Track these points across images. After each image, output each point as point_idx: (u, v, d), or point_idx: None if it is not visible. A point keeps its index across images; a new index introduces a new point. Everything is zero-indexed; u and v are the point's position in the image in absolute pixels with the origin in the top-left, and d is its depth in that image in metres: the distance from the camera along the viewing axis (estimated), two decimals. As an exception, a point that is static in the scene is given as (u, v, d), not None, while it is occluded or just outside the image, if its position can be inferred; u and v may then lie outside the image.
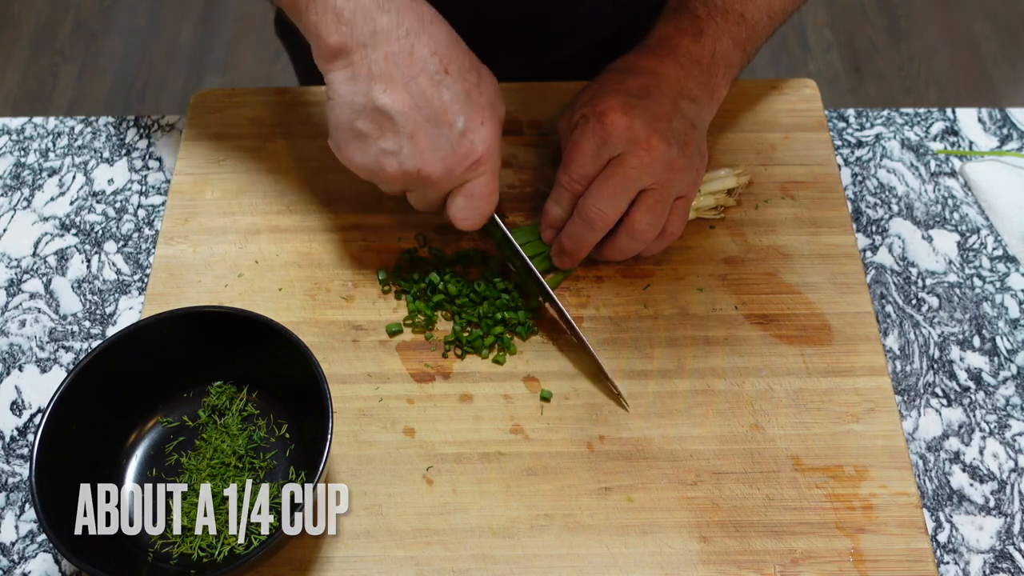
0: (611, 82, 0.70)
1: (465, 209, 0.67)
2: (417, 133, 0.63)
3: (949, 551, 0.64)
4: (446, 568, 0.62)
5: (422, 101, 0.63)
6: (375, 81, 0.62)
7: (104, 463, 0.64)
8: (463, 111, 0.64)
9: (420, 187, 0.66)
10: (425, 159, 0.64)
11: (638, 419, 0.67)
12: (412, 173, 0.64)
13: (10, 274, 0.77)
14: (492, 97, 0.66)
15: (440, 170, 0.64)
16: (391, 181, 0.66)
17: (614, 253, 0.72)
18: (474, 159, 0.65)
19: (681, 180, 0.69)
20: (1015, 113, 0.85)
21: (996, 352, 0.72)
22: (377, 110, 0.63)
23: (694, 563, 0.62)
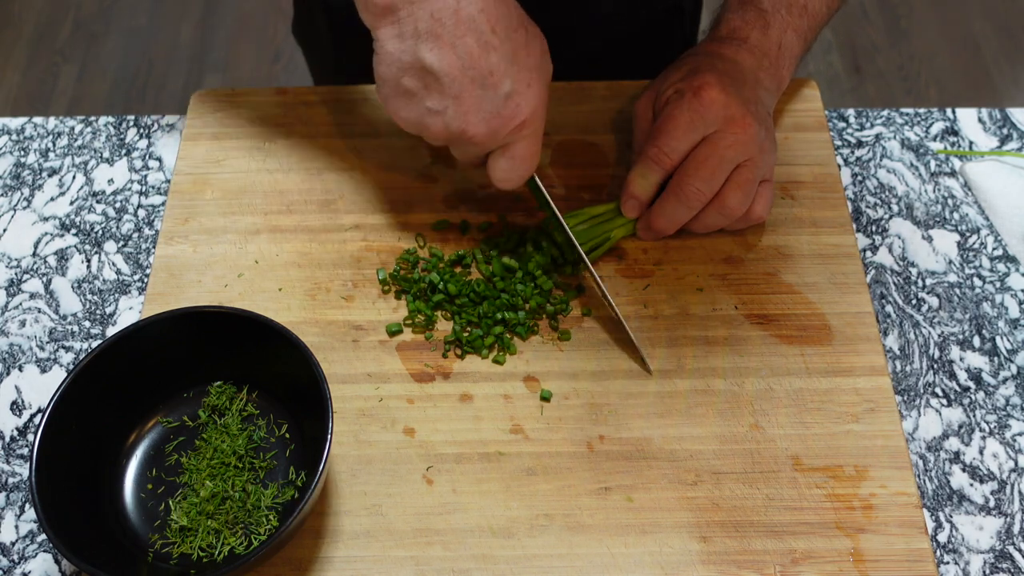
0: (703, 64, 0.72)
1: (506, 170, 0.68)
2: (463, 94, 0.63)
3: (949, 551, 0.64)
4: (446, 568, 0.62)
5: (469, 62, 0.62)
6: (421, 39, 0.62)
7: (104, 463, 0.64)
8: (510, 73, 0.63)
9: (463, 145, 0.67)
10: (469, 120, 0.64)
11: (638, 419, 0.67)
12: (456, 133, 0.65)
13: (10, 274, 0.77)
14: (539, 58, 0.66)
15: (484, 132, 0.65)
16: (435, 138, 0.67)
17: (699, 227, 0.73)
18: (518, 122, 0.65)
19: (767, 161, 0.71)
20: (1015, 113, 0.85)
21: (996, 352, 0.72)
22: (423, 69, 0.63)
23: (694, 563, 0.62)
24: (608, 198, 0.78)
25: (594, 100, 0.84)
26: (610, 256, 0.75)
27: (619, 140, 0.81)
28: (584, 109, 0.83)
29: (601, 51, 0.96)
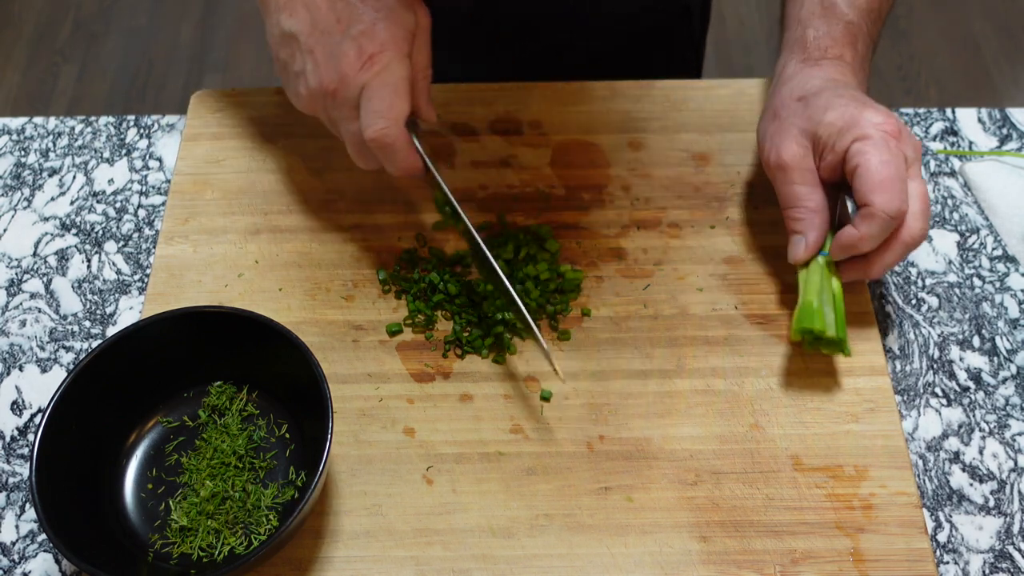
0: (846, 99, 0.67)
1: (369, 115, 0.64)
2: (315, 47, 0.63)
3: (949, 551, 0.64)
4: (446, 568, 0.62)
5: (319, 16, 0.63)
6: (282, 10, 0.65)
7: (104, 463, 0.64)
8: (357, 18, 0.63)
9: (332, 108, 0.65)
10: (322, 71, 0.63)
11: (638, 419, 0.67)
12: (317, 91, 0.64)
13: (10, 274, 0.77)
14: (393, 4, 0.65)
15: (334, 78, 0.63)
16: (310, 108, 0.66)
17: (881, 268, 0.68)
18: (365, 57, 0.63)
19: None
20: (1015, 113, 0.85)
21: (996, 352, 0.72)
22: (285, 36, 0.65)
23: (694, 563, 0.62)
24: (608, 198, 0.78)
25: (594, 100, 0.84)
26: (610, 256, 0.75)
27: (619, 140, 0.81)
28: (584, 109, 0.83)
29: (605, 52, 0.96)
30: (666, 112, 0.83)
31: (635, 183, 0.79)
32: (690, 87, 0.85)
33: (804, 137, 0.68)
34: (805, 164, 0.68)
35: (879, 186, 0.63)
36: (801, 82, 0.70)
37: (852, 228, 0.65)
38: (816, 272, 0.68)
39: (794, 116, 0.68)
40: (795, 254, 0.68)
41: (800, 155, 0.68)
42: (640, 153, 0.81)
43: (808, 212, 0.67)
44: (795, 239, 0.68)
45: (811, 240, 0.68)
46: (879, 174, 0.63)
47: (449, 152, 0.81)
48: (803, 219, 0.68)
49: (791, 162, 0.67)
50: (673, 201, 0.78)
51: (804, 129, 0.68)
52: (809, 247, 0.68)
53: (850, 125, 0.65)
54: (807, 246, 0.68)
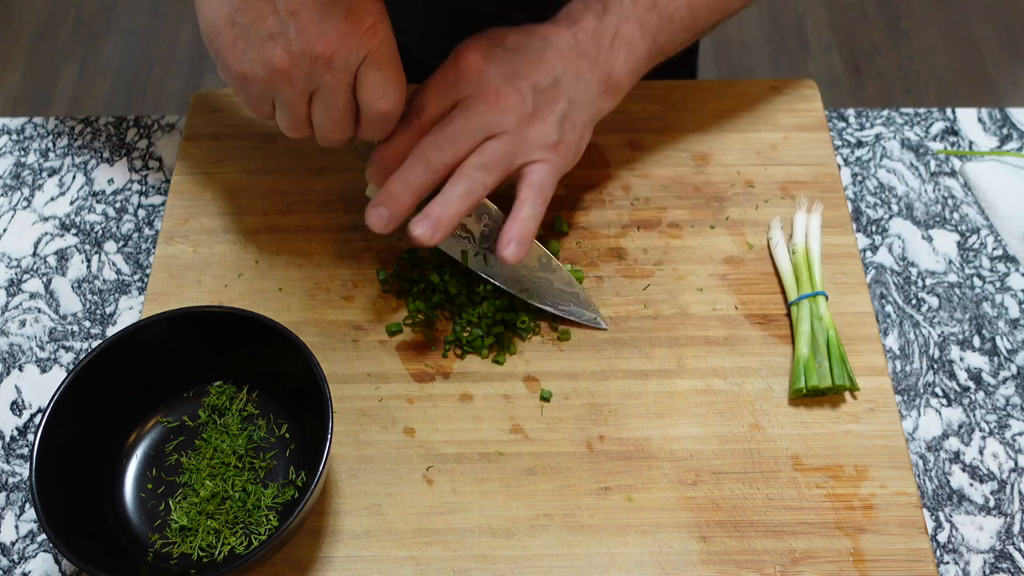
0: (496, 33, 0.68)
1: (382, 84, 0.61)
2: (300, 10, 0.57)
3: (949, 551, 0.64)
4: (446, 568, 0.62)
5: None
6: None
7: (104, 463, 0.64)
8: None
9: (320, 75, 0.59)
10: (312, 33, 0.58)
11: (638, 419, 0.67)
12: (304, 55, 0.58)
13: (10, 274, 0.77)
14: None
15: (335, 41, 0.58)
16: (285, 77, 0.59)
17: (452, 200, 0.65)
18: (369, 22, 0.59)
19: (532, 142, 0.65)
20: (1015, 113, 0.85)
21: (996, 352, 0.72)
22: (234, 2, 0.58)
23: (694, 563, 0.62)
24: (608, 198, 0.78)
25: (594, 100, 0.84)
26: (610, 256, 0.75)
27: (619, 140, 0.81)
28: (584, 109, 0.83)
29: None
30: (666, 112, 0.83)
31: (635, 183, 0.79)
32: (690, 87, 0.85)
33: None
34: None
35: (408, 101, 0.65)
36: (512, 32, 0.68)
37: None
38: (806, 319, 0.69)
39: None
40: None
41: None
42: (640, 153, 0.80)
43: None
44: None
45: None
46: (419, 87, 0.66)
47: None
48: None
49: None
50: (673, 201, 0.78)
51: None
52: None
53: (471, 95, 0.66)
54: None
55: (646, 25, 0.69)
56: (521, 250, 0.64)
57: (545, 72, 0.66)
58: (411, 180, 0.64)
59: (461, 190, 0.64)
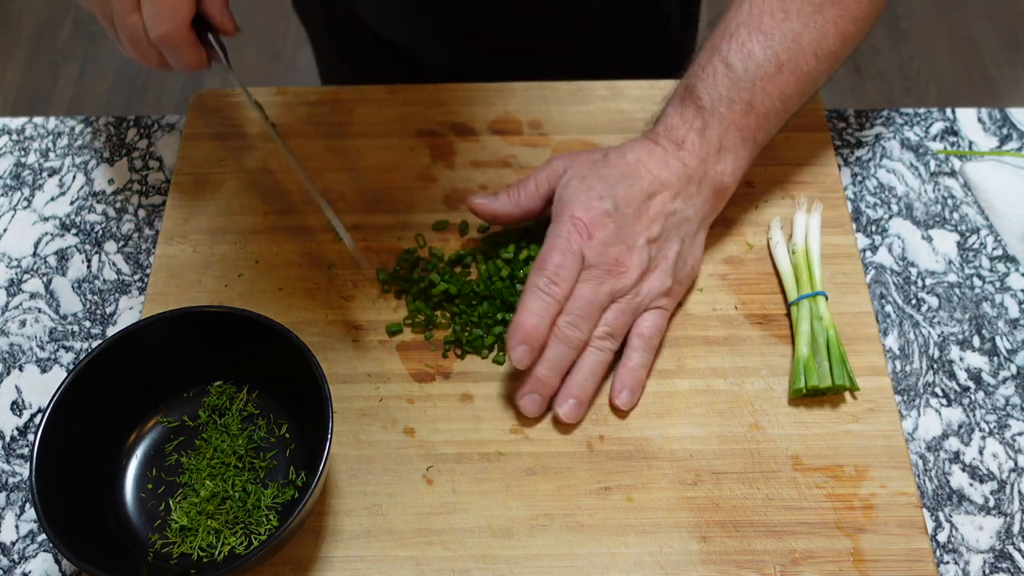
0: (600, 183, 0.68)
1: (152, 18, 0.63)
2: None
3: (949, 551, 0.64)
4: (446, 568, 0.62)
5: None
6: None
7: (104, 463, 0.64)
8: None
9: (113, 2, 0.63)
10: None
11: (638, 419, 0.67)
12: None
13: (10, 274, 0.77)
14: None
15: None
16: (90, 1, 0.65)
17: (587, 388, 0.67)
18: None
19: (648, 294, 0.68)
20: (1015, 113, 0.85)
21: (996, 352, 0.72)
22: None
23: (694, 563, 0.62)
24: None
25: (594, 100, 0.84)
26: (610, 256, 0.75)
27: (619, 140, 0.81)
28: (584, 109, 0.83)
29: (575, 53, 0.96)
30: (666, 112, 0.83)
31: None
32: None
33: (562, 162, 0.72)
34: (546, 190, 0.72)
35: (538, 265, 0.66)
36: (622, 150, 0.71)
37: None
38: (806, 319, 0.69)
39: (585, 160, 0.71)
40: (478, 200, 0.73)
41: (546, 180, 0.72)
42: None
43: (517, 193, 0.72)
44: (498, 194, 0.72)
45: (499, 203, 0.72)
46: (542, 256, 0.67)
47: (449, 152, 0.81)
48: (508, 195, 0.72)
49: (542, 180, 0.72)
50: (673, 201, 0.78)
51: (570, 172, 0.71)
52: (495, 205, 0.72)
53: (566, 202, 0.68)
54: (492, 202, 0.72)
55: (745, 130, 0.70)
56: (633, 398, 0.67)
57: (657, 217, 0.68)
58: (556, 363, 0.66)
59: (593, 364, 0.67)
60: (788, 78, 0.69)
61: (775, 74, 0.69)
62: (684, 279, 0.70)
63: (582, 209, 0.67)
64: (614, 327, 0.67)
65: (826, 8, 0.69)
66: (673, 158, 0.69)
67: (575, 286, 0.66)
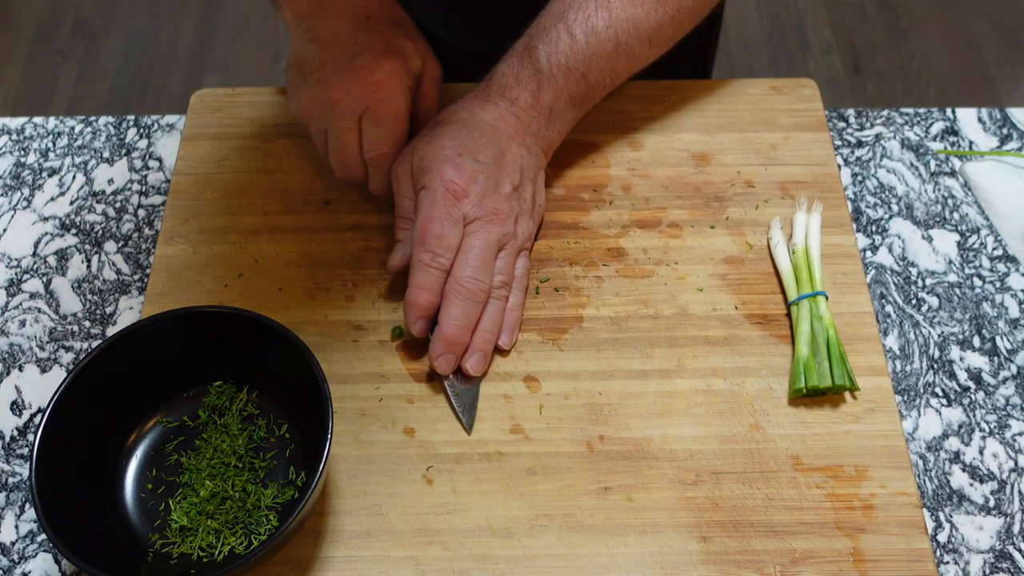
0: (455, 139, 0.70)
1: (373, 137, 0.71)
2: (329, 61, 0.71)
3: (949, 551, 0.64)
4: (446, 568, 0.62)
5: (341, 35, 0.72)
6: (305, 32, 0.74)
7: (104, 463, 0.64)
8: (372, 46, 0.71)
9: (328, 117, 0.71)
10: (330, 80, 0.70)
11: (638, 419, 0.67)
12: (319, 97, 0.71)
13: (10, 274, 0.77)
14: (403, 43, 0.73)
15: (341, 89, 0.70)
16: (306, 115, 0.73)
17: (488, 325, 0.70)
18: (372, 79, 0.70)
19: (522, 236, 0.72)
20: (1015, 113, 0.85)
21: (996, 352, 0.72)
22: (306, 48, 0.73)
23: (694, 563, 0.62)
24: (608, 198, 0.78)
25: (594, 100, 0.84)
26: (610, 256, 0.75)
27: (619, 140, 0.81)
28: (584, 109, 0.83)
29: None
30: (666, 112, 0.83)
31: (635, 183, 0.79)
32: (690, 87, 0.85)
33: (408, 155, 0.72)
34: (406, 180, 0.72)
35: (419, 239, 0.68)
36: (453, 109, 0.73)
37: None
38: (806, 319, 0.69)
39: (421, 135, 0.73)
40: (392, 260, 0.72)
41: (403, 171, 0.72)
42: (640, 153, 0.80)
43: (409, 223, 0.71)
44: (397, 246, 0.72)
45: (408, 250, 0.71)
46: (421, 229, 0.68)
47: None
48: (404, 229, 0.72)
49: (403, 175, 0.72)
50: (673, 201, 0.78)
51: (415, 149, 0.72)
52: (405, 255, 0.71)
53: (426, 169, 0.70)
54: (403, 255, 0.71)
55: (575, 96, 0.74)
56: (513, 337, 0.70)
57: (513, 163, 0.71)
58: (465, 320, 0.68)
59: (493, 314, 0.69)
60: (622, 59, 0.74)
61: (612, 52, 0.73)
62: (537, 220, 0.74)
63: (451, 170, 0.69)
64: (506, 274, 0.70)
65: (669, 1, 0.74)
66: (508, 112, 0.72)
67: (465, 240, 0.68)
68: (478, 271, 0.67)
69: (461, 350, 0.68)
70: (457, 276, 0.67)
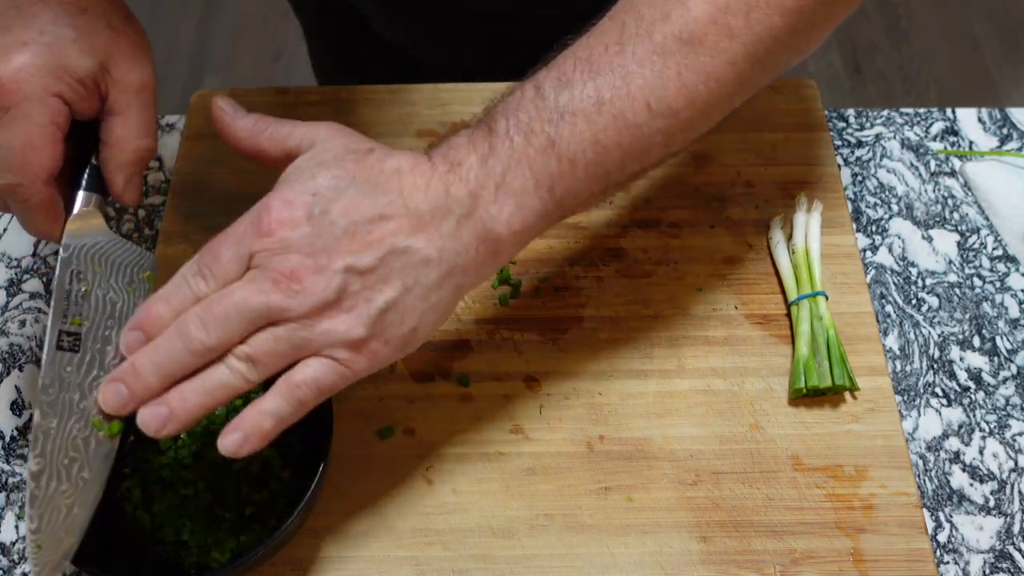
0: (329, 178, 0.54)
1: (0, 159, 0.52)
2: None
3: (949, 551, 0.64)
4: (446, 568, 0.62)
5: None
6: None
7: (104, 463, 0.64)
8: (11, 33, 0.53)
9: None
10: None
11: (638, 419, 0.67)
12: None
13: (10, 274, 0.77)
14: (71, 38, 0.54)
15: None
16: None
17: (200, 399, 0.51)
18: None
19: (325, 336, 0.51)
20: (1015, 113, 0.85)
21: (996, 352, 0.72)
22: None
23: (694, 563, 0.62)
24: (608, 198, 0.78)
25: (594, 100, 0.84)
26: (610, 256, 0.75)
27: (619, 140, 0.81)
28: (584, 109, 0.83)
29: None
30: (666, 112, 0.83)
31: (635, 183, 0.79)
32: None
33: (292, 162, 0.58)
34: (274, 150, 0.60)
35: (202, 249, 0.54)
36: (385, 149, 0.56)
37: None
38: (806, 319, 0.69)
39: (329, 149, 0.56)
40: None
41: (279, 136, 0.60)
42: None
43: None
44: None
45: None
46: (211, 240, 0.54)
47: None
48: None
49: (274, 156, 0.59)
50: (673, 201, 0.78)
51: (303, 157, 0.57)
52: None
53: (277, 184, 0.56)
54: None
55: (540, 172, 0.53)
56: (245, 446, 0.51)
57: (377, 245, 0.52)
58: (161, 358, 0.51)
59: (213, 382, 0.51)
60: (608, 122, 0.54)
61: (592, 112, 0.54)
62: (394, 340, 0.53)
63: (281, 200, 0.52)
64: (259, 353, 0.51)
65: (670, 52, 0.54)
66: (438, 180, 0.53)
67: (231, 284, 0.52)
68: (212, 323, 0.50)
69: (141, 390, 0.51)
70: (189, 311, 0.51)
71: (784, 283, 0.72)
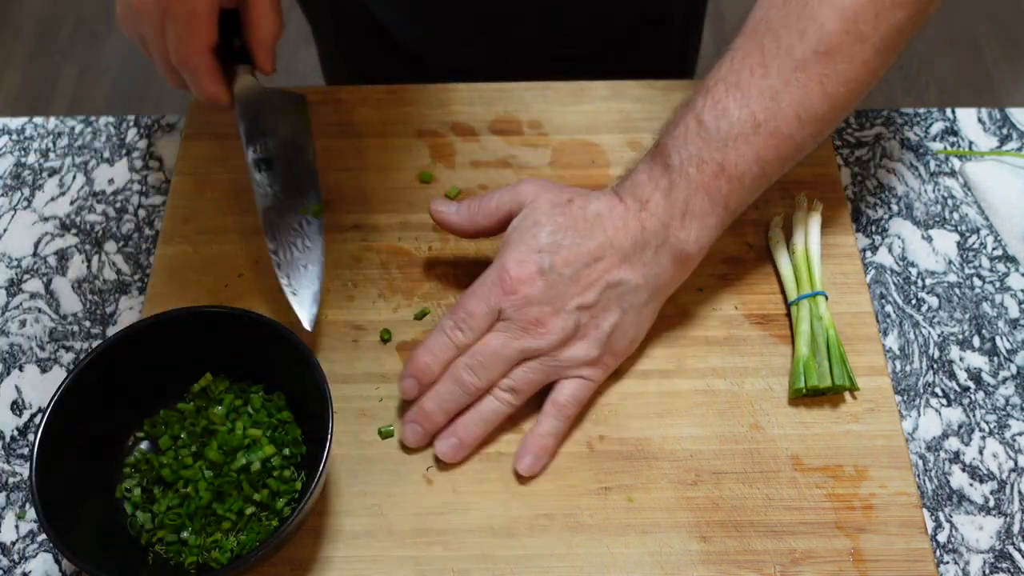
0: (547, 235, 0.65)
1: (171, 40, 0.64)
2: None
3: (949, 551, 0.64)
4: (446, 568, 0.62)
5: None
6: None
7: (104, 463, 0.64)
8: None
9: (140, 26, 0.64)
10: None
11: (638, 419, 0.67)
12: (125, 3, 0.64)
13: (10, 274, 0.77)
14: None
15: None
16: (120, 22, 0.66)
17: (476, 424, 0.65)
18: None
19: (568, 360, 0.65)
20: (1015, 113, 0.85)
21: (996, 352, 0.72)
22: None
23: (694, 563, 0.62)
24: (608, 198, 0.78)
25: (594, 100, 0.84)
26: (610, 256, 0.75)
27: (619, 140, 0.81)
28: (584, 109, 0.83)
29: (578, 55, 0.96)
30: (666, 112, 0.82)
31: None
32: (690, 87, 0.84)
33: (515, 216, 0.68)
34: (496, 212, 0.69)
35: (456, 306, 0.65)
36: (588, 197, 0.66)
37: None
38: (806, 319, 0.69)
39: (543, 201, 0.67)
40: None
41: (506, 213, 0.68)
42: (640, 153, 0.80)
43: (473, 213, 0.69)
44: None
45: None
46: (462, 298, 0.65)
47: (449, 152, 0.81)
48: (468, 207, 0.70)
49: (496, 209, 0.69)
50: (673, 201, 0.78)
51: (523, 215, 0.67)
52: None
53: (505, 243, 0.66)
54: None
55: (715, 194, 0.64)
56: (536, 465, 0.64)
57: (596, 283, 0.64)
58: (443, 400, 0.64)
59: (487, 412, 0.65)
60: (766, 140, 0.63)
61: (750, 135, 0.63)
62: (620, 351, 0.67)
63: (515, 261, 0.64)
64: (519, 383, 0.64)
65: (810, 66, 0.62)
66: (633, 218, 0.64)
67: (487, 334, 0.64)
68: (479, 368, 0.63)
69: (431, 427, 0.65)
70: (459, 361, 0.64)
71: (784, 283, 0.72)
